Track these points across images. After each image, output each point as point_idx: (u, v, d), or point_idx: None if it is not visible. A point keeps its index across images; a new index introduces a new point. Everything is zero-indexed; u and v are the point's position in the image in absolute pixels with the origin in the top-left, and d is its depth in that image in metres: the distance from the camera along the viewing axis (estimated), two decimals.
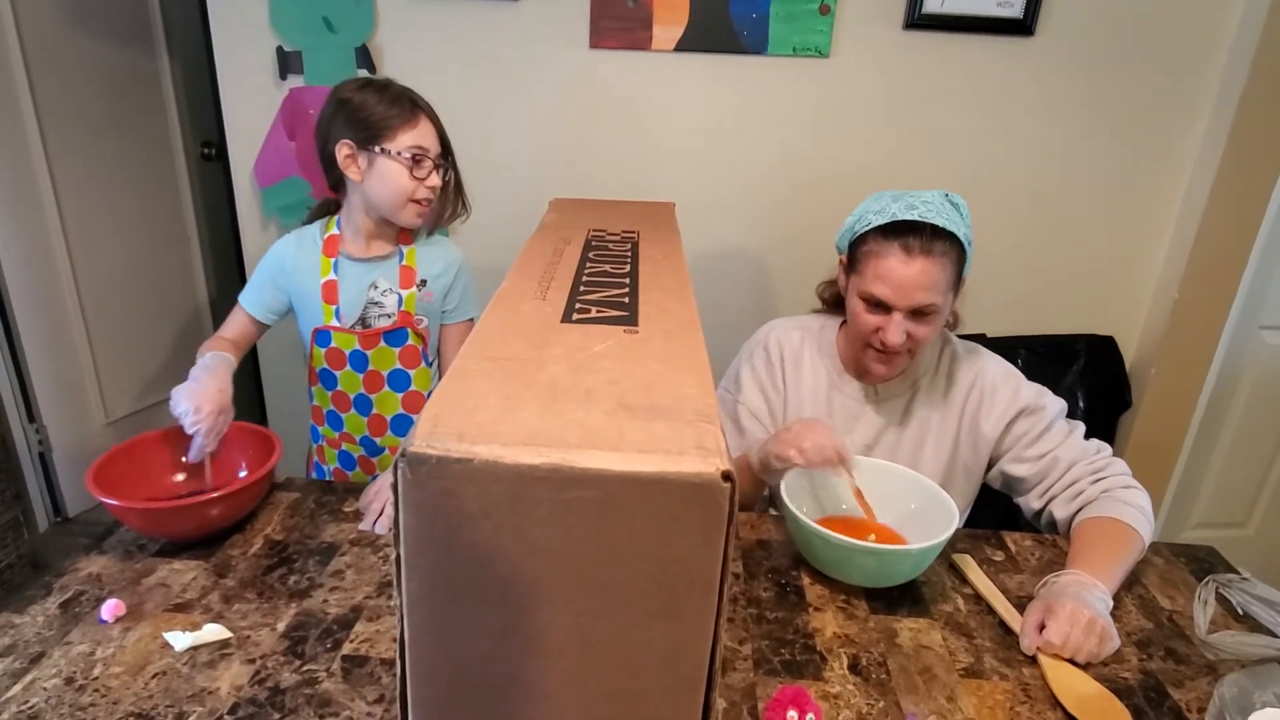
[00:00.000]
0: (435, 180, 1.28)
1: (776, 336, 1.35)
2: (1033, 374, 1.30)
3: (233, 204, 2.12)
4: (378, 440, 1.43)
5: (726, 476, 0.42)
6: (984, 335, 1.99)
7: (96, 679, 0.87)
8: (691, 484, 0.42)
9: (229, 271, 2.93)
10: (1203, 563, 1.20)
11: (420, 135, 1.25)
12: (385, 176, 1.25)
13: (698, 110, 1.95)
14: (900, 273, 1.14)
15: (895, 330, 1.17)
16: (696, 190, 2.00)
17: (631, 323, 0.64)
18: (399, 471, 0.43)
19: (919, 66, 1.88)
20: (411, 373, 1.39)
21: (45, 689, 0.85)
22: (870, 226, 1.18)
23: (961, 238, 1.15)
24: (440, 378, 1.43)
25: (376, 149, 1.24)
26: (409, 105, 1.24)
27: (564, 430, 0.45)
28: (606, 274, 0.78)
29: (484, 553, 0.45)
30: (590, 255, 0.84)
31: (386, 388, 1.39)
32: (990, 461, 1.29)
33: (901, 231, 1.14)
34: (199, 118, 2.70)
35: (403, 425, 1.42)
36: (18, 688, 0.85)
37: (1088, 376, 2.04)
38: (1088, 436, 1.25)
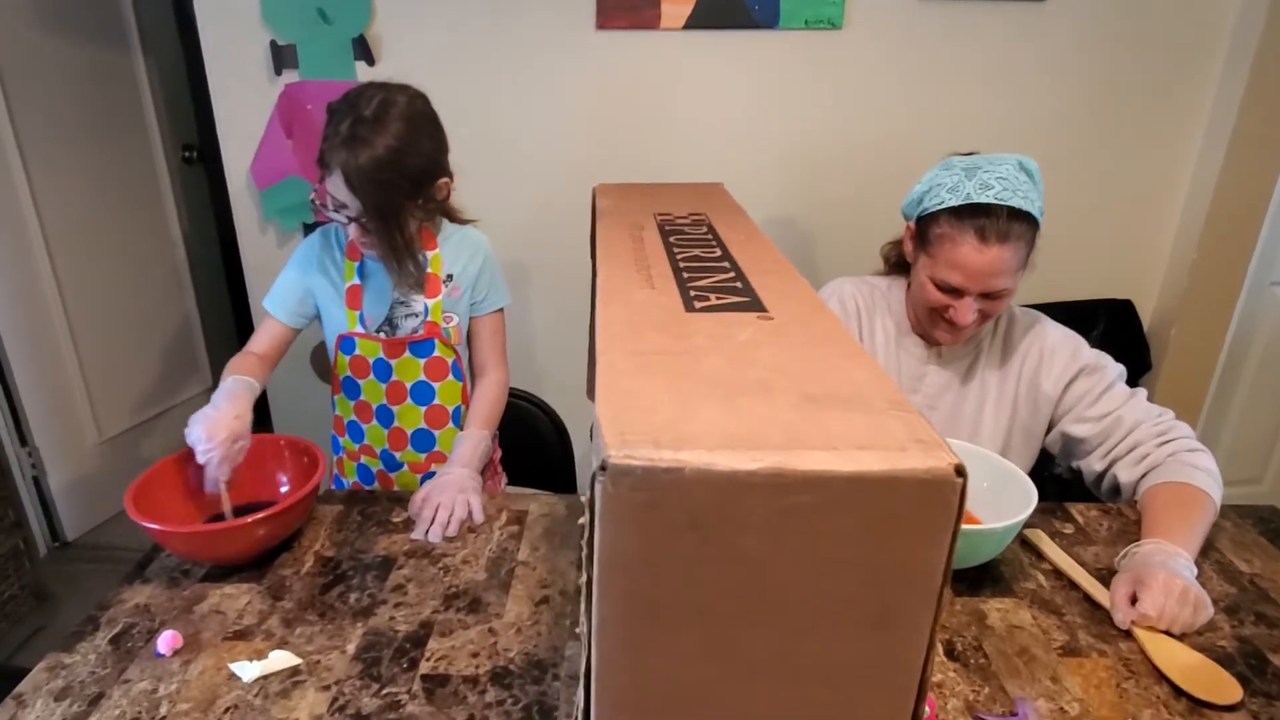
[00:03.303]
0: (352, 233, 1.19)
1: (850, 290, 1.33)
2: None
3: (219, 208, 2.04)
4: (397, 455, 1.37)
5: (959, 471, 0.39)
6: None
7: (164, 718, 0.81)
8: (923, 481, 0.38)
9: (216, 279, 2.83)
10: (1269, 523, 1.19)
11: (333, 187, 1.14)
12: (325, 213, 1.19)
13: (710, 89, 1.90)
14: (975, 261, 1.11)
15: (967, 312, 1.14)
16: (712, 169, 1.96)
17: (760, 308, 0.60)
18: (597, 486, 0.38)
19: (932, 35, 1.85)
20: (436, 385, 1.33)
21: None
22: (943, 206, 1.14)
23: (1036, 213, 1.12)
24: (473, 374, 1.39)
25: (315, 185, 1.19)
26: (331, 151, 1.12)
27: (761, 429, 0.41)
28: (700, 259, 0.73)
29: (687, 567, 0.40)
30: (672, 240, 0.80)
31: (409, 400, 1.33)
32: (1050, 424, 1.27)
33: (977, 214, 1.11)
34: (178, 120, 2.60)
35: (423, 440, 1.36)
36: None
37: (1107, 341, 2.03)
38: None
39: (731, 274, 0.68)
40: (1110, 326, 2.04)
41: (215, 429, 1.05)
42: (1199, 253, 1.95)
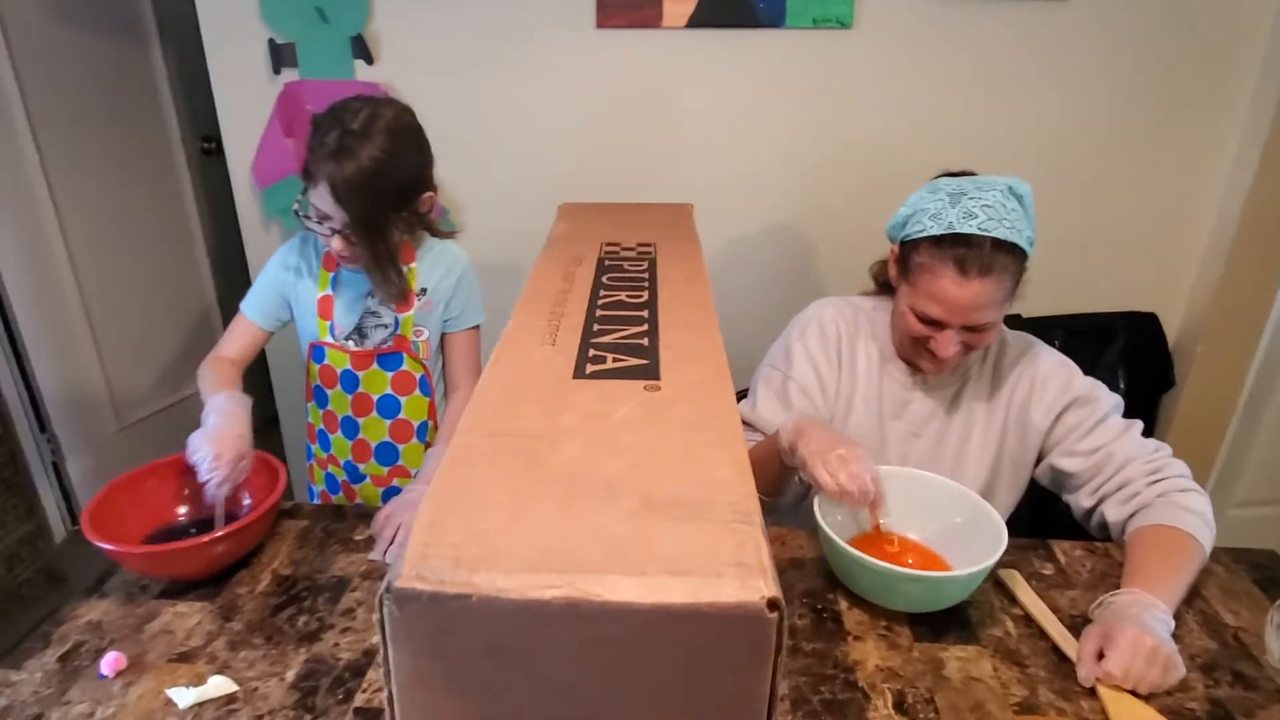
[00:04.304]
0: (335, 245, 1.17)
1: (832, 314, 1.27)
2: (1071, 355, 1.23)
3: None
4: (360, 467, 1.37)
5: (773, 605, 0.36)
6: (1019, 316, 1.90)
7: None
8: (732, 616, 0.36)
9: (235, 269, 2.86)
10: (1265, 570, 1.12)
11: (317, 198, 1.14)
12: (308, 224, 1.19)
13: (713, 90, 1.84)
14: (955, 295, 1.06)
15: (948, 344, 1.09)
16: (714, 174, 1.91)
17: (653, 374, 0.57)
18: (384, 608, 0.36)
19: (947, 35, 1.77)
20: (403, 400, 1.32)
21: None
22: (924, 234, 1.09)
23: (1023, 244, 1.06)
24: (446, 392, 1.38)
25: (298, 197, 1.19)
26: (316, 162, 1.12)
27: (581, 544, 0.39)
28: (622, 304, 0.71)
29: (490, 692, 0.38)
30: (604, 280, 0.77)
31: (374, 413, 1.33)
32: (1040, 455, 1.22)
33: (958, 245, 1.05)
34: (197, 111, 2.62)
35: (387, 454, 1.36)
36: None
37: (1128, 355, 1.94)
38: (1127, 416, 1.18)
39: (643, 327, 0.65)
40: (1132, 340, 1.94)
41: (222, 448, 1.06)
42: (1229, 265, 1.84)
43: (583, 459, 0.46)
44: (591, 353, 0.60)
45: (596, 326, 0.65)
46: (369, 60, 1.83)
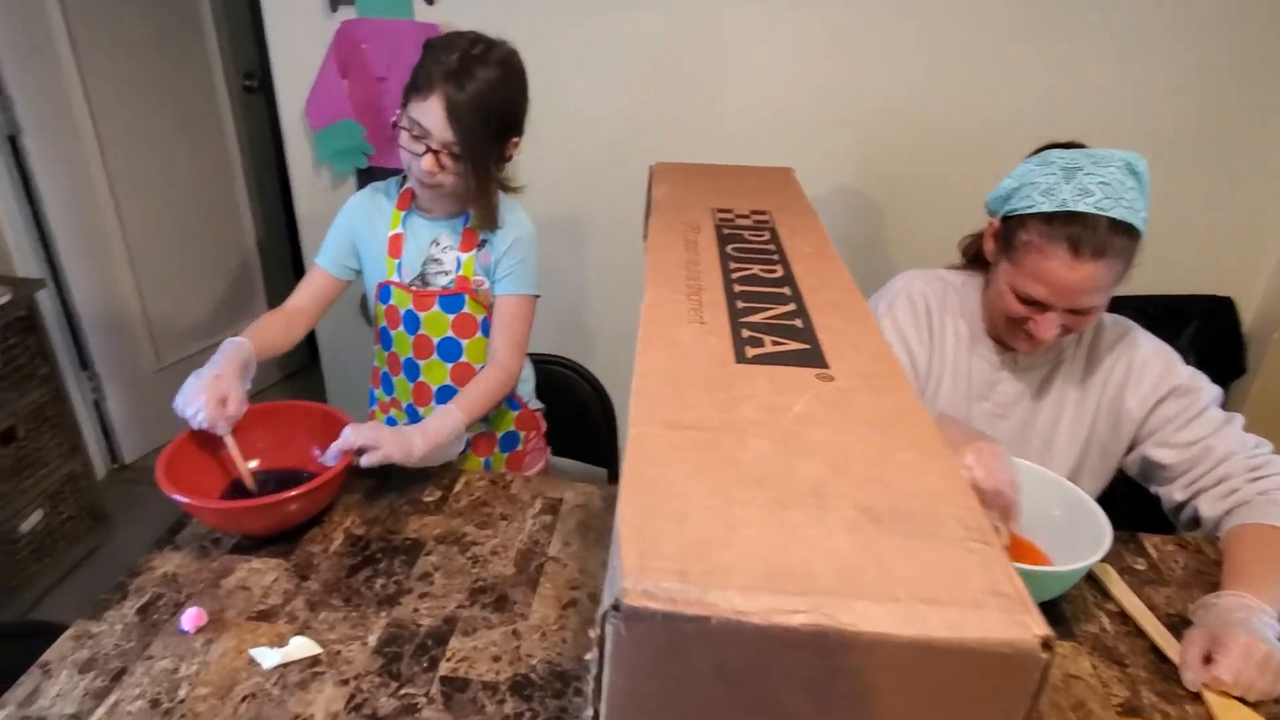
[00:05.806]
0: (426, 164, 1.14)
1: (920, 287, 1.22)
2: None
3: (277, 138, 1.99)
4: (421, 410, 1.34)
5: (1046, 644, 0.32)
6: None
7: (183, 702, 0.81)
8: (1000, 655, 0.32)
9: (275, 209, 2.82)
10: None
11: (423, 112, 1.12)
12: (401, 140, 1.17)
13: (782, 39, 1.76)
14: (1064, 277, 1.00)
15: (1049, 327, 1.04)
16: (784, 127, 1.84)
17: (819, 361, 0.53)
18: (609, 627, 0.33)
19: None
20: (464, 343, 1.29)
21: (130, 713, 0.80)
22: (1034, 210, 1.02)
23: (1139, 224, 1.00)
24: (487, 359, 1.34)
25: (398, 111, 1.16)
26: (431, 77, 1.11)
27: (809, 561, 0.35)
28: (759, 279, 0.66)
29: (714, 713, 0.35)
30: (729, 250, 0.72)
31: (435, 356, 1.30)
32: (1132, 445, 1.17)
33: (1072, 224, 0.99)
34: (239, 48, 2.55)
35: (448, 398, 1.30)
36: (101, 710, 0.80)
37: (1200, 340, 1.88)
38: None
39: (791, 306, 0.61)
40: (1205, 324, 1.88)
41: (194, 394, 1.04)
42: None
43: (775, 458, 0.42)
44: (746, 333, 0.56)
45: (739, 303, 0.61)
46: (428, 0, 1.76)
